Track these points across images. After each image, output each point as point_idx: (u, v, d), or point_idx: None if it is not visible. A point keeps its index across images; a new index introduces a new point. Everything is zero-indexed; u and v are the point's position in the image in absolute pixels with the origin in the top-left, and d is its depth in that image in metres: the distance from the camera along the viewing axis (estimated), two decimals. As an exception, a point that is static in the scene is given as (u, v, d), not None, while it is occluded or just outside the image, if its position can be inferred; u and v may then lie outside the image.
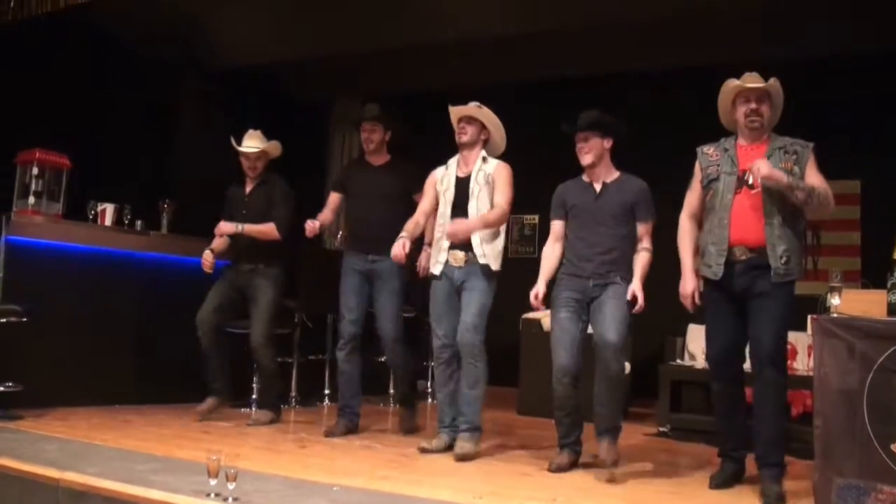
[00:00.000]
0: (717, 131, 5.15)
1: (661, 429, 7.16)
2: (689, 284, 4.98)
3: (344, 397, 6.39)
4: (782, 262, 4.64)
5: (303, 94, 10.34)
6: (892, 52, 7.99)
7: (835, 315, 4.20)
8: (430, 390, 8.81)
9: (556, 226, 5.51)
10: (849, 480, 3.97)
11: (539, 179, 6.42)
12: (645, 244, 5.33)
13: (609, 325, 5.09)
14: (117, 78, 8.44)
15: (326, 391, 7.95)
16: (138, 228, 7.30)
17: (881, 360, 3.98)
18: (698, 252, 5.04)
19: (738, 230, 4.78)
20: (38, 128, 7.25)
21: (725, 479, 4.88)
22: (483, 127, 5.79)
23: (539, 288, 5.36)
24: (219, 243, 6.71)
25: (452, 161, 5.88)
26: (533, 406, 7.69)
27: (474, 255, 5.58)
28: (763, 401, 4.69)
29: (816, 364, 4.15)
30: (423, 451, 5.57)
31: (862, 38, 7.92)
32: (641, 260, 5.31)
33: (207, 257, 6.58)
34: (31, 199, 6.68)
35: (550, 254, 5.52)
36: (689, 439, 6.73)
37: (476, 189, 5.66)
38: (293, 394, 7.68)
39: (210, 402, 6.59)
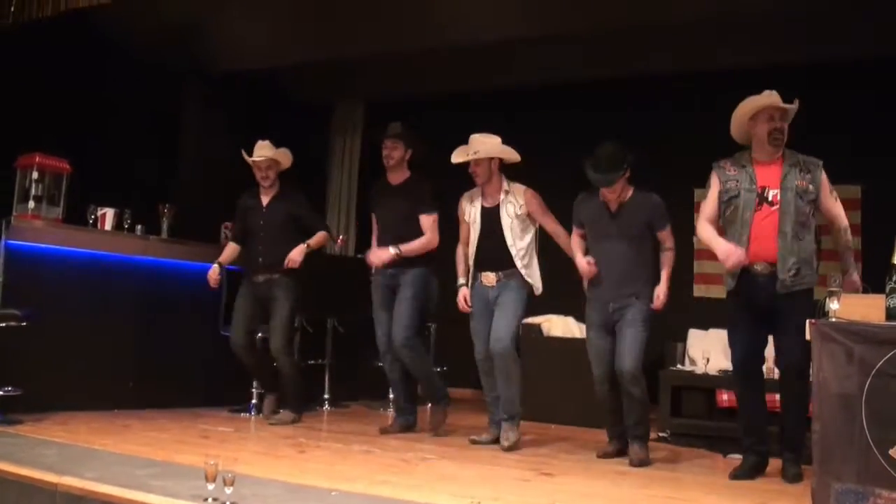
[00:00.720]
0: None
1: (662, 434, 7.14)
2: (724, 245, 5.11)
3: (397, 401, 6.88)
4: (790, 274, 4.99)
5: (303, 98, 10.36)
6: (892, 57, 7.99)
7: (833, 319, 4.19)
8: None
9: (580, 232, 5.96)
10: (847, 485, 3.96)
11: (546, 185, 6.44)
12: (668, 245, 5.79)
13: (626, 354, 5.59)
14: (118, 82, 8.45)
15: (326, 395, 7.94)
16: (138, 233, 7.30)
17: (880, 364, 3.97)
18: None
19: (757, 246, 5.08)
20: (38, 132, 7.26)
21: (747, 471, 5.21)
22: (491, 159, 6.06)
23: (584, 259, 5.77)
24: (227, 255, 6.88)
25: (466, 198, 6.32)
26: (533, 411, 7.66)
27: (512, 273, 6.10)
28: (789, 403, 5.25)
29: (815, 369, 4.14)
30: (474, 442, 6.17)
31: (863, 42, 7.93)
32: (667, 260, 5.77)
33: (215, 272, 6.71)
34: (31, 204, 6.69)
35: (578, 243, 5.96)
36: (690, 444, 6.72)
37: (507, 221, 6.10)
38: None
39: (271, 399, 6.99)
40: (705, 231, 5.30)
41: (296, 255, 6.71)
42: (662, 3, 7.55)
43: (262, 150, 6.81)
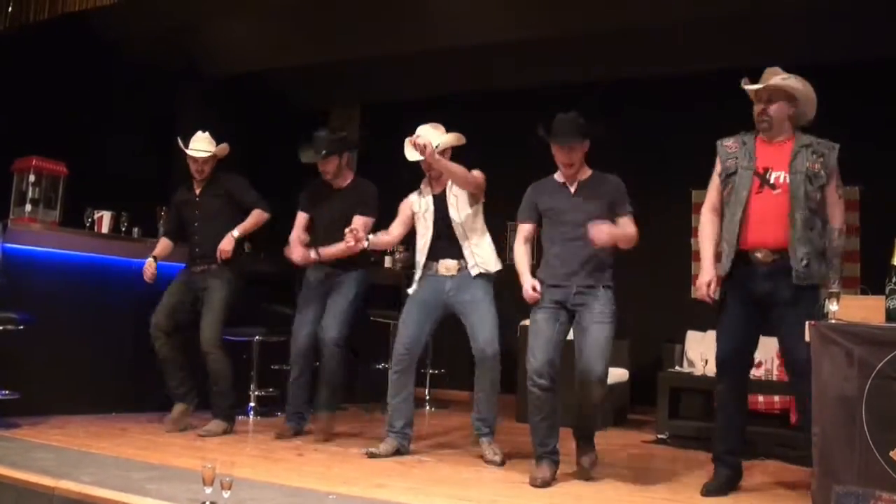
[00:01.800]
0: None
1: (660, 436, 7.14)
2: (706, 274, 4.92)
3: (297, 406, 6.51)
4: (803, 264, 4.64)
5: (299, 100, 10.36)
6: (892, 58, 7.99)
7: (833, 321, 4.18)
8: (427, 397, 8.82)
9: (526, 229, 5.44)
10: (848, 488, 3.95)
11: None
12: (629, 230, 5.19)
13: (596, 353, 5.04)
14: (115, 85, 8.44)
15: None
16: (135, 236, 7.27)
17: (880, 366, 3.96)
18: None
19: (756, 231, 4.78)
20: (35, 135, 7.25)
21: (720, 486, 4.82)
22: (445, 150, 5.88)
23: (531, 281, 5.23)
24: (161, 249, 6.73)
25: (424, 184, 6.00)
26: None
27: (466, 264, 5.72)
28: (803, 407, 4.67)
29: (815, 370, 4.13)
30: (372, 455, 5.58)
31: (862, 45, 7.93)
32: (623, 225, 5.17)
33: (151, 266, 6.58)
34: (28, 207, 6.66)
35: (524, 253, 5.44)
36: (688, 446, 6.72)
37: (453, 199, 5.81)
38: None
39: (180, 408, 6.52)
40: (703, 234, 5.07)
41: (225, 245, 6.49)
42: (658, 4, 7.55)
43: (201, 144, 6.63)
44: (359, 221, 6.17)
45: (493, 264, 5.82)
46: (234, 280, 6.57)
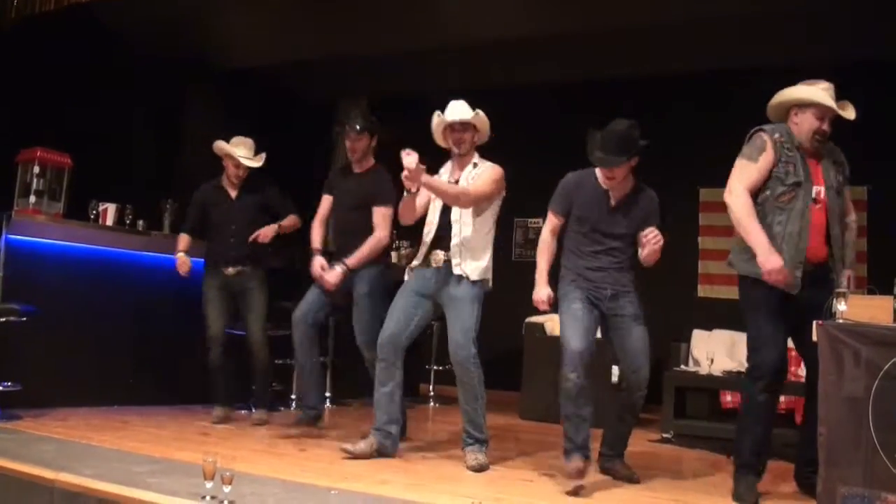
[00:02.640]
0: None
1: (665, 435, 7.12)
2: (771, 256, 4.51)
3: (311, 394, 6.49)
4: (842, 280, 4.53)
5: (307, 94, 10.33)
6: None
7: (841, 321, 4.15)
8: (431, 394, 8.81)
9: (556, 222, 5.25)
10: (853, 489, 3.92)
11: (543, 183, 6.36)
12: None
13: (644, 353, 5.03)
14: (120, 77, 8.41)
15: (328, 394, 7.89)
16: (140, 228, 7.25)
17: (887, 366, 3.93)
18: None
19: (811, 246, 4.65)
20: (40, 126, 7.22)
21: (755, 492, 4.68)
22: (476, 131, 5.58)
23: (546, 291, 5.11)
24: (185, 246, 6.80)
25: (445, 168, 5.72)
26: (535, 411, 7.66)
27: (451, 260, 5.45)
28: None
29: (822, 371, 4.10)
30: (346, 453, 5.31)
31: (871, 44, 7.89)
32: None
33: (186, 262, 6.69)
34: (33, 199, 6.64)
35: (550, 250, 5.26)
36: (693, 446, 6.70)
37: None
38: (293, 396, 7.63)
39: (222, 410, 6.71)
40: (748, 215, 4.65)
41: (269, 231, 6.72)
42: (665, 3, 7.51)
43: (244, 151, 6.78)
44: (379, 213, 6.14)
45: (478, 274, 5.43)
46: (267, 280, 6.80)
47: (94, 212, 7.08)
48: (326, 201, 6.49)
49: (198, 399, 6.78)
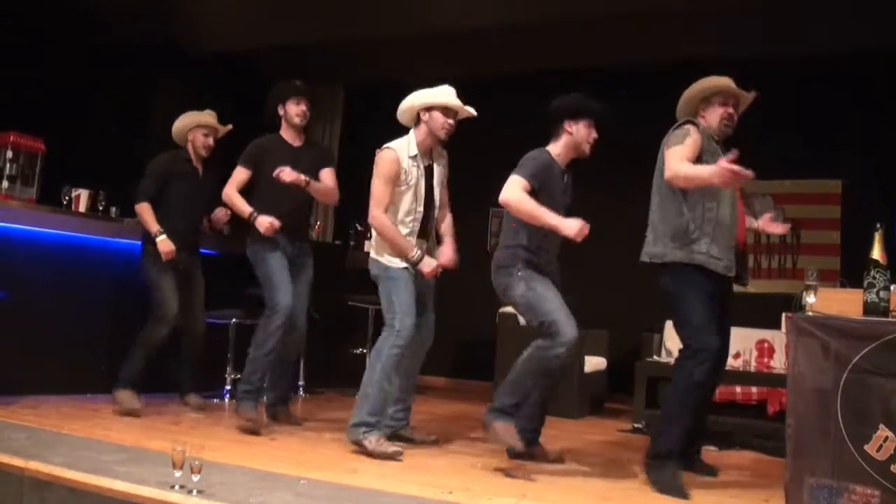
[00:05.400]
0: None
1: (637, 425, 7.15)
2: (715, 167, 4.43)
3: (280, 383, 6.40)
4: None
5: (283, 80, 10.28)
6: (873, 52, 8.01)
7: (810, 314, 4.17)
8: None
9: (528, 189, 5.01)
10: (821, 480, 3.95)
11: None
12: None
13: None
14: (94, 61, 8.35)
15: (301, 382, 7.88)
16: (113, 215, 7.19)
17: (856, 359, 3.95)
18: None
19: (739, 228, 4.90)
20: (12, 110, 7.15)
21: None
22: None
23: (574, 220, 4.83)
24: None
25: (410, 148, 5.52)
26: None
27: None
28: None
29: (791, 363, 4.12)
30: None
31: (843, 38, 7.93)
32: None
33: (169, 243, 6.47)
34: (5, 184, 6.55)
35: None
36: (665, 436, 6.72)
37: (438, 178, 5.68)
38: (265, 385, 7.59)
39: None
40: (698, 171, 4.59)
41: (223, 213, 6.76)
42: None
43: (214, 120, 6.79)
44: (327, 173, 6.19)
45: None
46: None
47: (67, 198, 7.01)
48: (245, 174, 6.15)
49: (171, 388, 6.75)
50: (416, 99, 5.54)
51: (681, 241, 4.76)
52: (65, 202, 6.99)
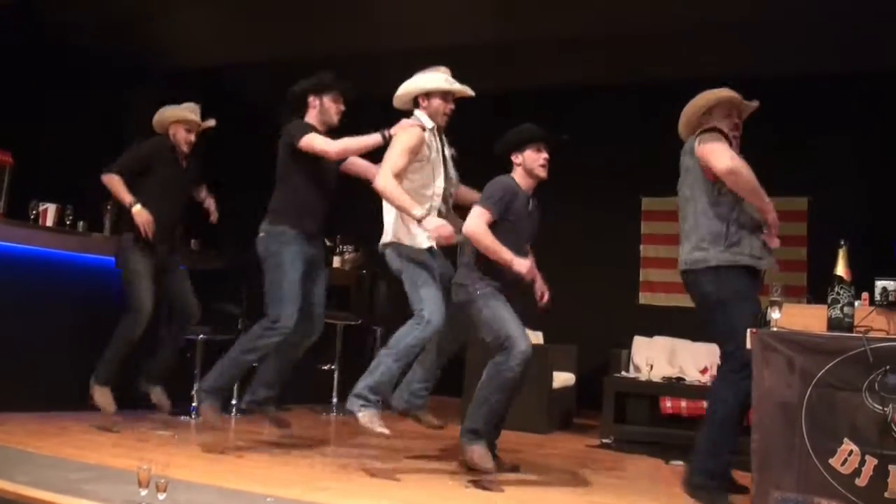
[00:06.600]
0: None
1: (605, 440, 7.18)
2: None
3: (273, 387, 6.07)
4: None
5: (251, 97, 10.29)
6: (840, 74, 8.12)
7: (775, 329, 4.20)
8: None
9: (490, 220, 5.10)
10: (786, 494, 3.98)
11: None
12: None
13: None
14: (64, 75, 8.32)
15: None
16: (80, 230, 7.15)
17: (820, 374, 4.00)
18: None
19: None
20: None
21: None
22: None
23: (524, 260, 5.06)
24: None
25: (426, 121, 5.47)
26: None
27: None
28: None
29: (756, 378, 4.16)
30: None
31: (808, 58, 8.04)
32: None
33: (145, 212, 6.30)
34: (-28, 197, 6.53)
35: None
36: (633, 451, 6.78)
37: (449, 155, 5.59)
38: (234, 401, 7.55)
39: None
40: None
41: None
42: (610, 14, 7.58)
43: (196, 115, 6.72)
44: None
45: None
46: None
47: (34, 212, 6.95)
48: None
49: (139, 404, 6.71)
50: (414, 85, 5.60)
51: (723, 244, 4.68)
52: (32, 216, 6.93)
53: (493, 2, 7.62)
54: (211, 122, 6.71)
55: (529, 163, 5.27)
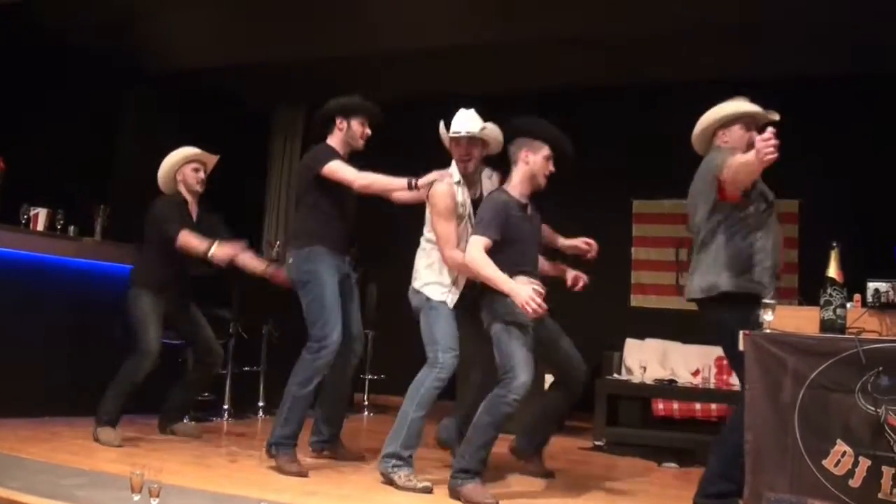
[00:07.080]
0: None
1: (597, 442, 7.18)
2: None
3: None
4: None
5: (244, 100, 10.29)
6: (834, 76, 8.14)
7: (767, 331, 4.21)
8: (365, 403, 8.75)
9: (489, 245, 4.85)
10: (780, 495, 3.97)
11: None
12: None
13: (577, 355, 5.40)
14: (55, 79, 8.29)
15: (261, 403, 7.84)
16: (71, 234, 7.13)
17: (813, 375, 3.99)
18: None
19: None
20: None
21: None
22: (485, 144, 5.25)
23: (526, 288, 4.67)
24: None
25: (454, 174, 5.18)
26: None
27: None
28: None
29: (748, 379, 4.15)
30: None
31: (798, 61, 8.05)
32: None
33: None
34: (-38, 202, 6.51)
35: None
36: (625, 453, 6.80)
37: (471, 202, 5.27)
38: (226, 406, 7.54)
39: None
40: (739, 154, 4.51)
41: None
42: (599, 15, 7.58)
43: (199, 151, 6.43)
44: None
45: None
46: None
47: (25, 216, 6.93)
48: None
49: (131, 409, 6.69)
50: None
51: (736, 270, 4.58)
52: (23, 221, 6.91)
53: (493, 2, 7.60)
54: (215, 157, 6.49)
55: (537, 168, 5.04)
